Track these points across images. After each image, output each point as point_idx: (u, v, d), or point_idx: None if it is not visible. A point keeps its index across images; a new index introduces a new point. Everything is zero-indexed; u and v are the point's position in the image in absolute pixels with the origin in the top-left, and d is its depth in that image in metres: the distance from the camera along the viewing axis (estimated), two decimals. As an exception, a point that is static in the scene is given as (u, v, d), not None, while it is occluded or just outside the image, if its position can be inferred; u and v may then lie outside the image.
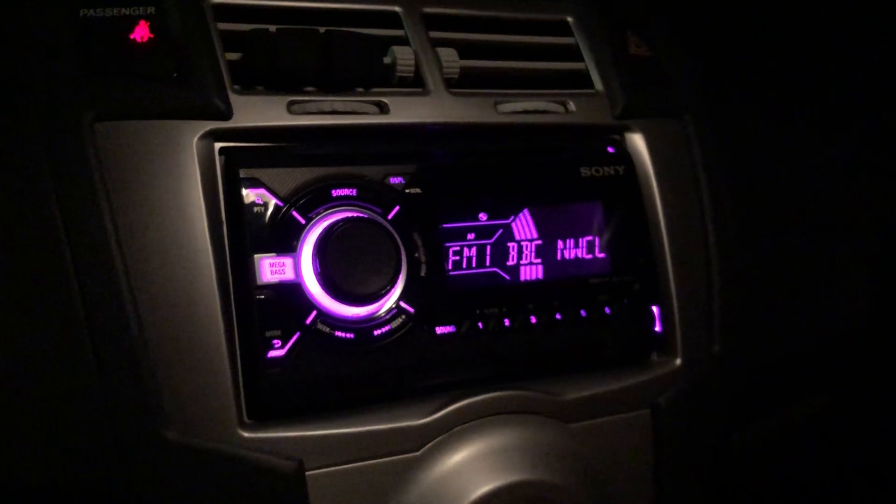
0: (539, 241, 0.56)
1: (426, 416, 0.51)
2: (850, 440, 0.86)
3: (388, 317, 0.50)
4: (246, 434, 0.47)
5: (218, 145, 0.50)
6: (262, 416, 0.48)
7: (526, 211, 0.55)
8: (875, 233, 0.79)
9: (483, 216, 0.54)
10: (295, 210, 0.49)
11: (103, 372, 0.45)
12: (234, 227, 0.48)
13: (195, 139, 0.48)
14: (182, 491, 0.46)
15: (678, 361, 0.60)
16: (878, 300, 0.78)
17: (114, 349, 0.45)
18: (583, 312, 0.56)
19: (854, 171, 0.79)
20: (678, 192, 0.62)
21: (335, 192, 0.50)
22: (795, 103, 0.78)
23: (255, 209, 0.48)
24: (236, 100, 0.50)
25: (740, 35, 0.79)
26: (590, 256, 0.57)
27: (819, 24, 0.83)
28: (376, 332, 0.49)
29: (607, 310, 0.57)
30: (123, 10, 0.49)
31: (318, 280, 0.48)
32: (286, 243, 0.48)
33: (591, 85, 0.62)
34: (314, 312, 0.48)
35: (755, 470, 0.79)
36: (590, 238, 0.57)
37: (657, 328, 0.59)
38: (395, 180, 0.52)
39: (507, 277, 0.54)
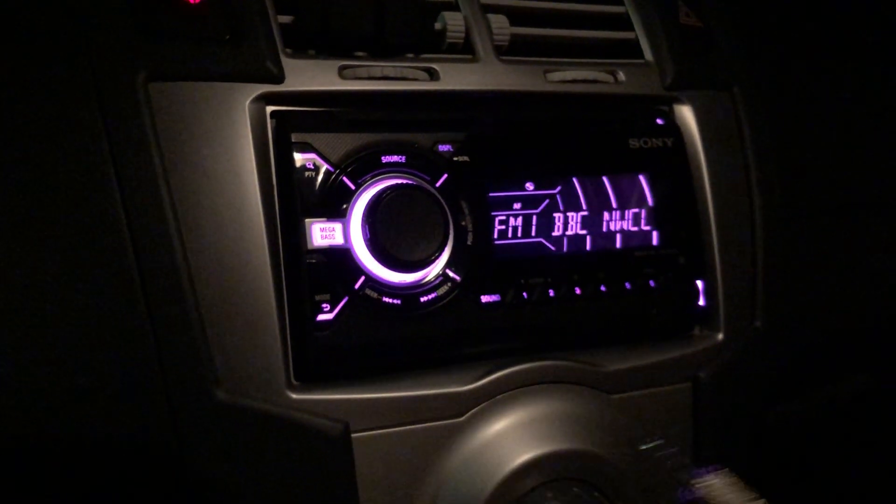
0: (585, 212, 0.55)
1: (470, 384, 0.51)
2: (889, 420, 0.86)
3: (434, 284, 0.50)
4: (294, 395, 0.48)
5: (270, 108, 0.50)
6: (310, 378, 0.49)
7: (573, 181, 0.55)
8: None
9: (530, 186, 0.54)
10: (345, 176, 0.49)
11: (157, 333, 0.46)
12: (285, 192, 0.49)
13: (247, 102, 0.48)
14: (231, 449, 0.47)
15: (720, 336, 0.60)
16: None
17: (167, 310, 0.46)
18: (627, 285, 0.56)
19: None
20: (725, 166, 0.61)
21: (385, 159, 0.50)
22: (847, 76, 0.76)
23: (307, 174, 0.48)
24: (288, 63, 0.50)
25: (791, 5, 0.77)
26: (635, 229, 0.57)
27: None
28: (423, 299, 0.50)
29: (652, 283, 0.57)
30: (177, -29, 0.49)
31: (367, 246, 0.48)
32: (336, 209, 0.49)
33: (641, 55, 0.61)
34: (363, 278, 0.48)
35: (792, 446, 0.79)
36: (636, 210, 0.57)
37: (701, 302, 0.59)
38: (444, 148, 0.52)
39: (553, 248, 0.54)
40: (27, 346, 0.45)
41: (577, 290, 0.54)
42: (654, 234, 0.57)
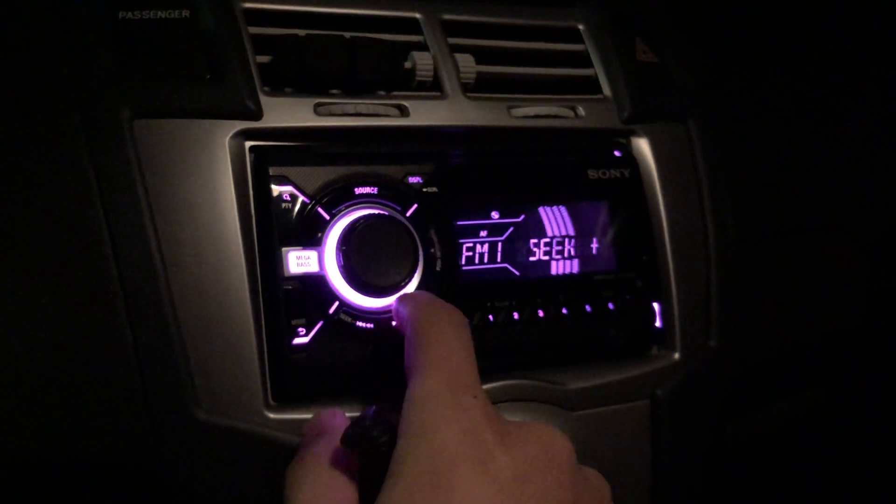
0: (547, 239, 0.58)
1: (439, 402, 0.54)
2: (842, 433, 0.90)
3: (405, 308, 0.53)
4: (271, 415, 0.50)
5: (248, 144, 0.52)
6: (287, 398, 0.51)
7: (536, 210, 0.58)
8: (871, 233, 0.82)
9: (495, 214, 0.57)
10: (320, 206, 0.52)
11: (140, 354, 0.48)
12: (262, 222, 0.51)
13: (227, 138, 0.51)
14: (210, 466, 0.50)
15: (677, 355, 0.63)
16: (872, 298, 0.81)
17: (150, 333, 0.48)
18: (587, 307, 0.59)
19: (853, 173, 0.82)
20: (680, 195, 0.65)
21: (358, 190, 0.53)
22: (794, 107, 0.80)
23: (283, 205, 0.51)
24: (266, 101, 0.53)
25: (744, 41, 0.82)
26: (595, 254, 0.60)
27: (821, 29, 0.85)
28: (394, 323, 0.52)
29: (611, 305, 0.60)
30: (160, 12, 0.52)
31: (341, 273, 0.51)
32: (311, 237, 0.51)
33: (599, 90, 0.64)
34: (337, 303, 0.51)
35: (749, 459, 0.82)
36: (595, 237, 0.60)
37: (658, 323, 0.62)
38: (414, 179, 0.55)
39: (517, 273, 0.57)
40: (10, 367, 0.46)
41: (541, 313, 0.57)
42: (613, 259, 0.61)
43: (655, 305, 0.62)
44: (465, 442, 0.38)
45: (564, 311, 0.58)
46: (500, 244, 0.57)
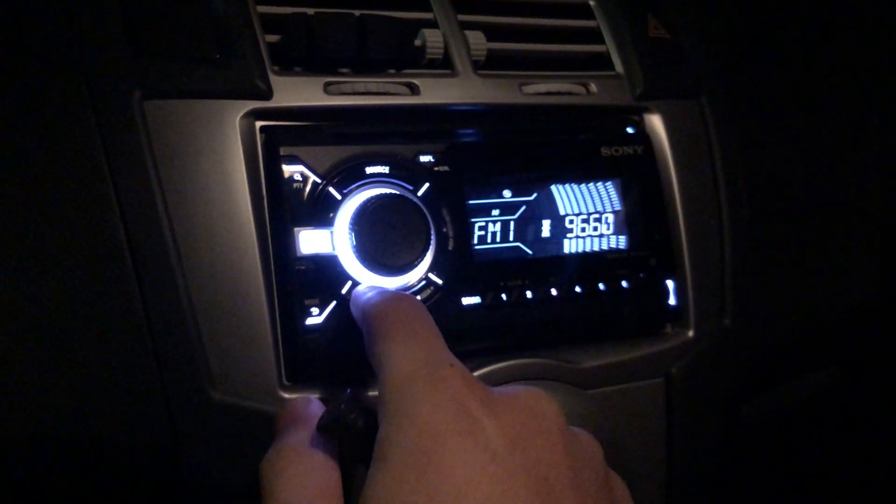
0: (560, 218, 0.58)
1: (452, 381, 0.54)
2: (856, 413, 0.89)
3: (417, 288, 0.53)
4: (285, 395, 0.50)
5: (259, 124, 0.52)
6: (301, 378, 0.51)
7: (548, 188, 0.58)
8: (887, 211, 0.81)
9: (507, 193, 0.57)
10: (331, 186, 0.52)
11: (154, 336, 0.48)
12: (274, 202, 0.51)
13: (238, 118, 0.51)
14: (225, 446, 0.50)
15: (691, 333, 0.62)
16: (888, 277, 0.80)
17: (164, 315, 0.48)
18: (601, 286, 0.59)
19: (868, 151, 0.81)
20: (694, 172, 0.64)
21: (369, 170, 0.53)
22: (809, 82, 0.79)
23: (295, 185, 0.51)
24: (276, 80, 0.52)
25: (757, 17, 0.81)
26: (608, 232, 0.60)
27: (836, 6, 0.84)
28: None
29: (624, 283, 0.59)
30: (169, -7, 0.52)
31: (354, 252, 0.51)
32: (323, 217, 0.51)
33: (612, 67, 0.64)
34: (349, 283, 0.51)
35: (763, 439, 0.82)
36: (608, 215, 0.60)
37: (672, 301, 0.62)
38: (425, 158, 0.55)
39: (530, 252, 0.57)
40: (27, 349, 0.47)
41: (554, 292, 0.57)
42: (626, 237, 0.60)
43: (669, 283, 0.62)
44: (448, 413, 0.36)
45: (578, 289, 0.58)
46: (512, 223, 0.57)
